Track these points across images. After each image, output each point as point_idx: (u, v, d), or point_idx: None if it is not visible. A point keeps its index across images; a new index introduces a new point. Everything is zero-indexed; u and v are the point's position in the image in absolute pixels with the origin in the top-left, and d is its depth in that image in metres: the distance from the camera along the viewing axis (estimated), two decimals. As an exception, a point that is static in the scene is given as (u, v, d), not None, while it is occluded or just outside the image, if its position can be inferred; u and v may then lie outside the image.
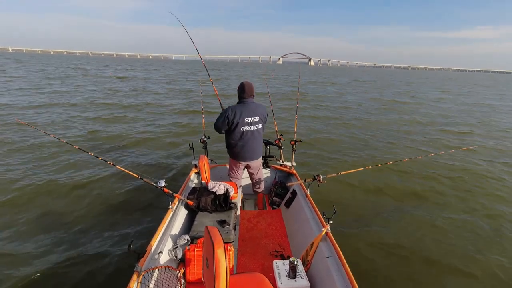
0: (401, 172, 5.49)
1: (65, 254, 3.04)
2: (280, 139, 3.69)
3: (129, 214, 3.87)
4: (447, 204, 4.35)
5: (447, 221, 3.84)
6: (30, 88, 15.97)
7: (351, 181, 4.95)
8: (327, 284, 1.86)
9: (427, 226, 3.72)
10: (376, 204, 4.28)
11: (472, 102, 19.01)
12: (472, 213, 4.07)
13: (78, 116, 10.01)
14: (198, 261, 2.12)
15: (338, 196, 4.50)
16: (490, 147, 7.62)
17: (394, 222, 3.81)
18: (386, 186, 4.91)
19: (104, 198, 4.28)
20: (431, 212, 4.09)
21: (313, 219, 2.56)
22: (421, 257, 3.13)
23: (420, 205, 4.28)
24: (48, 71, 29.62)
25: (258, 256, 2.60)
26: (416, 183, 5.05)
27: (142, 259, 1.81)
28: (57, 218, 3.75)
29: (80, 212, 3.89)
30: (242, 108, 2.79)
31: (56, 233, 3.40)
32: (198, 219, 2.55)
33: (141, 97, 15.06)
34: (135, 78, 27.17)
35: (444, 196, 4.62)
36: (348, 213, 3.92)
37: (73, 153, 6.06)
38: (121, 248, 3.13)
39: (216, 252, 1.23)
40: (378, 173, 5.33)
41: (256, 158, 3.08)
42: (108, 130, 8.46)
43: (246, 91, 2.80)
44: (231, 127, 2.83)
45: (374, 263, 3.00)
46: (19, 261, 2.93)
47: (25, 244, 3.19)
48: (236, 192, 2.95)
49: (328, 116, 11.53)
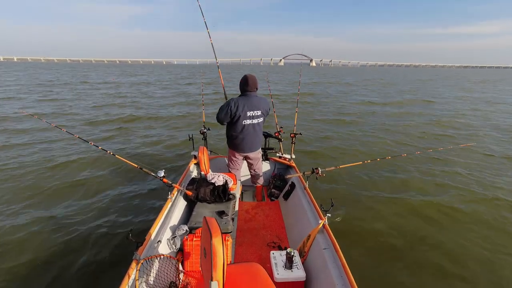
0: (399, 166, 5.50)
1: (64, 243, 3.08)
2: (280, 131, 3.69)
3: (129, 204, 3.90)
4: (445, 197, 4.37)
5: (445, 215, 3.87)
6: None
7: (350, 174, 4.97)
8: (323, 275, 1.88)
9: (425, 220, 3.75)
10: (373, 198, 4.30)
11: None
12: (472, 205, 4.10)
13: (76, 106, 9.99)
14: (196, 251, 2.14)
15: (336, 189, 4.53)
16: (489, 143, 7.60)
17: (391, 216, 3.84)
18: (384, 180, 4.93)
19: (103, 188, 4.31)
20: (429, 206, 4.11)
21: (310, 211, 2.58)
22: (418, 250, 3.17)
23: (418, 199, 4.31)
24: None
25: (256, 246, 2.63)
26: (414, 178, 5.07)
27: (141, 248, 1.84)
28: (55, 206, 3.78)
29: (79, 201, 3.92)
30: (245, 101, 2.77)
31: (54, 222, 3.44)
32: (197, 210, 2.57)
33: (144, 92, 14.98)
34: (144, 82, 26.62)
35: (444, 189, 4.64)
36: (346, 206, 3.94)
37: (73, 142, 6.08)
38: (121, 237, 3.16)
39: (213, 242, 1.24)
40: (377, 167, 5.36)
41: (255, 150, 3.09)
42: (108, 120, 8.45)
43: (250, 84, 2.76)
44: (233, 120, 2.82)
45: (371, 256, 3.04)
46: (18, 250, 2.97)
47: (23, 233, 3.22)
48: (235, 183, 2.96)
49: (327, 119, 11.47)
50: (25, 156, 5.43)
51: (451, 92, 21.63)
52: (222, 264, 1.27)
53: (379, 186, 4.71)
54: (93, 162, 5.26)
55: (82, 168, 4.98)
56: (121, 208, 3.80)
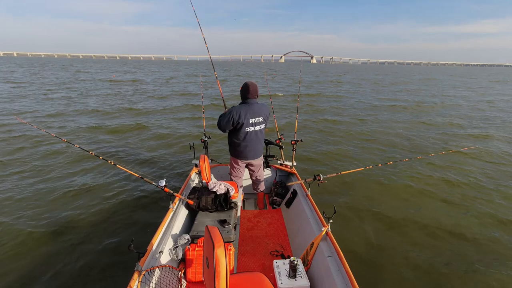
0: (403, 171, 5.48)
1: (65, 253, 3.06)
2: (281, 138, 3.70)
3: (130, 214, 3.88)
4: (451, 204, 4.34)
5: (452, 222, 3.83)
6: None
7: (352, 180, 4.95)
8: (327, 284, 1.86)
9: (430, 226, 3.71)
10: (376, 204, 4.27)
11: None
12: (479, 217, 4.03)
13: (77, 113, 10.04)
14: (198, 261, 2.12)
15: (339, 196, 4.50)
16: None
17: (395, 222, 3.81)
18: (387, 186, 4.91)
19: (104, 198, 4.29)
20: (434, 212, 4.08)
21: (313, 218, 2.56)
22: (422, 258, 3.13)
23: (423, 205, 4.27)
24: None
25: (259, 255, 2.61)
26: (418, 183, 5.04)
27: (143, 259, 1.82)
28: (57, 217, 3.76)
29: (80, 211, 3.90)
30: (247, 109, 2.79)
31: (55, 232, 3.42)
32: (199, 219, 2.56)
33: (143, 96, 15.09)
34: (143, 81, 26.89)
35: (449, 195, 4.60)
36: (349, 213, 3.92)
37: (74, 152, 6.09)
38: (122, 248, 3.14)
39: (216, 252, 1.23)
40: (379, 172, 5.34)
41: (257, 157, 3.10)
42: (109, 129, 8.48)
43: (251, 91, 2.79)
44: (236, 127, 2.84)
45: (375, 263, 3.00)
46: (19, 260, 2.94)
47: (25, 242, 3.21)
48: (236, 191, 2.95)
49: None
50: (21, 164, 5.43)
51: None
52: (225, 274, 1.25)
53: (383, 192, 4.68)
54: (94, 171, 5.26)
55: (83, 177, 4.97)
56: (122, 218, 3.78)
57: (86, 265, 2.89)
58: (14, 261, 2.92)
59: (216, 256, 1.23)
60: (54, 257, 3.00)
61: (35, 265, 2.90)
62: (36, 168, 5.33)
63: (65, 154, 6.08)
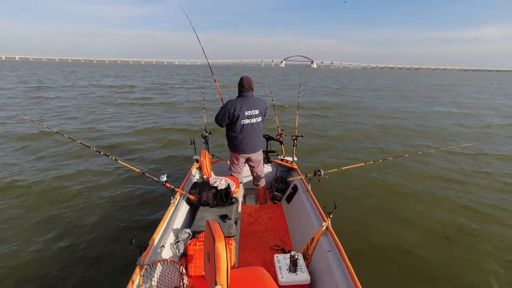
0: (403, 167, 5.48)
1: (68, 248, 3.08)
2: (282, 134, 3.69)
3: (131, 209, 3.90)
4: (447, 198, 4.35)
5: (449, 217, 3.84)
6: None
7: (352, 176, 4.95)
8: (327, 278, 1.87)
9: (427, 221, 3.72)
10: (377, 199, 4.28)
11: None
12: (477, 210, 4.06)
13: (78, 111, 10.03)
14: (199, 255, 2.13)
15: (339, 191, 4.51)
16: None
17: (394, 217, 3.82)
18: (387, 181, 4.91)
19: (106, 193, 4.31)
20: (432, 207, 4.09)
21: (314, 213, 2.56)
22: (422, 251, 3.14)
23: (421, 200, 4.28)
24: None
25: (259, 250, 2.62)
26: (416, 178, 5.04)
27: (145, 253, 1.83)
28: (59, 212, 3.78)
29: (81, 207, 3.92)
30: (242, 102, 2.81)
31: (58, 228, 3.44)
32: (200, 214, 2.57)
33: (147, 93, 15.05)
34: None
35: (445, 190, 4.61)
36: (349, 208, 3.92)
37: (75, 148, 6.10)
38: (124, 242, 3.16)
39: (217, 246, 1.24)
40: (379, 168, 5.34)
41: (256, 151, 3.08)
42: (110, 125, 8.49)
43: (245, 84, 2.83)
44: (232, 120, 2.84)
45: (375, 258, 3.02)
46: (21, 257, 2.97)
47: (27, 239, 3.23)
48: (237, 186, 2.96)
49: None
50: (22, 161, 5.45)
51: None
52: (226, 268, 1.26)
53: (383, 187, 4.68)
54: (95, 166, 5.27)
55: (84, 173, 4.99)
56: (124, 213, 3.80)
57: (87, 259, 2.91)
58: (14, 257, 2.94)
59: (217, 250, 1.24)
60: (54, 251, 3.03)
61: (36, 258, 2.93)
62: (37, 163, 5.35)
63: (66, 149, 6.10)
